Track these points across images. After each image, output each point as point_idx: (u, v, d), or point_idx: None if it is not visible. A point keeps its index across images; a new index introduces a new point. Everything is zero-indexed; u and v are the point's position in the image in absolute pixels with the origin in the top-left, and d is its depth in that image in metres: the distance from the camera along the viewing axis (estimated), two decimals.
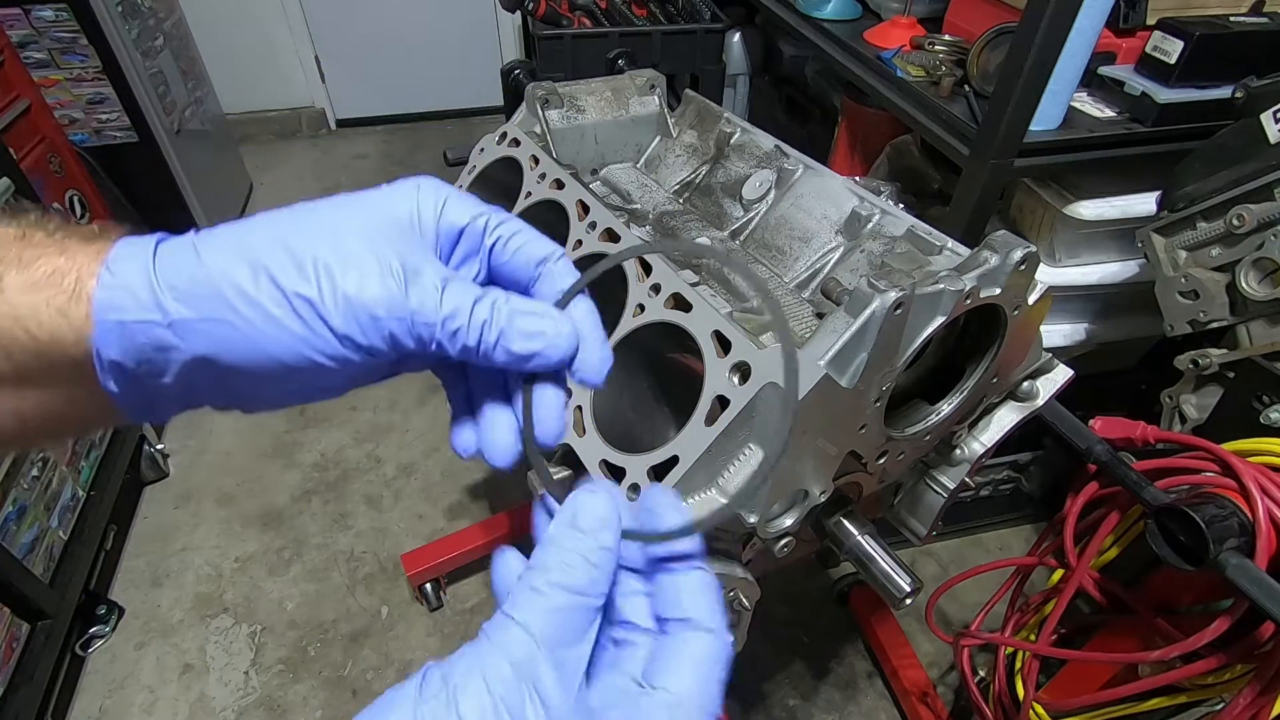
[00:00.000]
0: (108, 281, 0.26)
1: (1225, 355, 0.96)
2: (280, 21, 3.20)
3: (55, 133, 2.02)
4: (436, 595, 1.55)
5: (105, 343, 0.26)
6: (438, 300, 0.28)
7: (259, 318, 0.27)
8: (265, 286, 0.27)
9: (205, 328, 0.27)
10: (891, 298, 0.50)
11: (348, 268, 0.27)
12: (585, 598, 0.26)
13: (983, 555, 1.69)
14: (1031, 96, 0.97)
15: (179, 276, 0.27)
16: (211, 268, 0.27)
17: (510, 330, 0.29)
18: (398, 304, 0.27)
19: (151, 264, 0.27)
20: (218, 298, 0.26)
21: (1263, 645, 0.73)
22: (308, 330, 0.27)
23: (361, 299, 0.27)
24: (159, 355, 0.27)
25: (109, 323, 0.26)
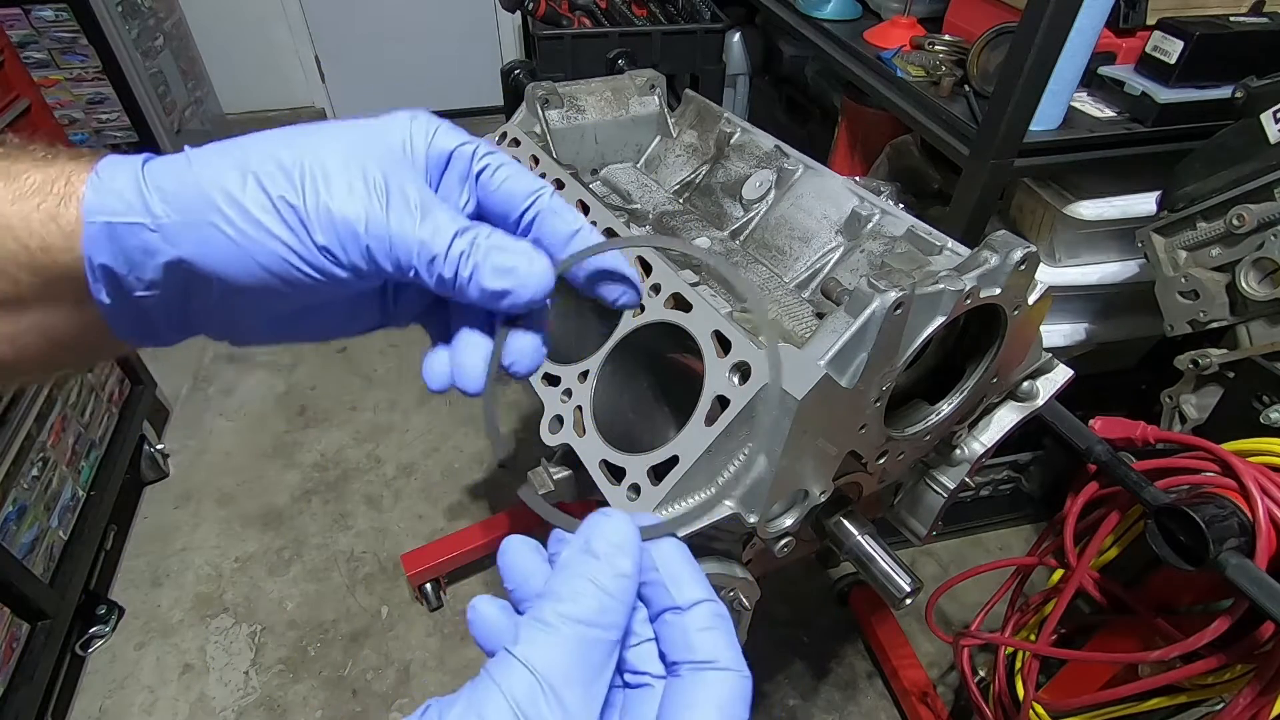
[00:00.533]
0: (96, 185, 0.26)
1: (1225, 355, 0.96)
2: (280, 21, 3.20)
3: (55, 133, 2.02)
4: (436, 595, 1.55)
5: (95, 246, 0.26)
6: (416, 223, 0.28)
7: (243, 220, 0.26)
8: (252, 190, 0.26)
9: (191, 231, 0.26)
10: (891, 298, 0.50)
11: (333, 181, 0.27)
12: (598, 630, 0.23)
13: (983, 555, 1.69)
14: (1031, 96, 0.97)
15: (168, 180, 0.27)
16: (200, 173, 0.27)
17: (485, 265, 0.28)
18: (377, 221, 0.27)
19: (140, 170, 0.27)
20: (204, 200, 0.26)
21: (1263, 645, 0.73)
22: (291, 236, 0.26)
23: (343, 212, 0.27)
24: (147, 260, 0.27)
25: (97, 224, 0.26)
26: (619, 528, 0.26)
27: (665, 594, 0.26)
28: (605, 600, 0.24)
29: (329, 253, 0.27)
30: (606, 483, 0.57)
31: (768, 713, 1.41)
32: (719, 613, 0.26)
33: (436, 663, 1.48)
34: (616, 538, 0.25)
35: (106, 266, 0.26)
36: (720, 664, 0.24)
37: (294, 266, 0.27)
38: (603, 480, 0.58)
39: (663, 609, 0.25)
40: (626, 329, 0.64)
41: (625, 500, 0.55)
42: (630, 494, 0.55)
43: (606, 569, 0.24)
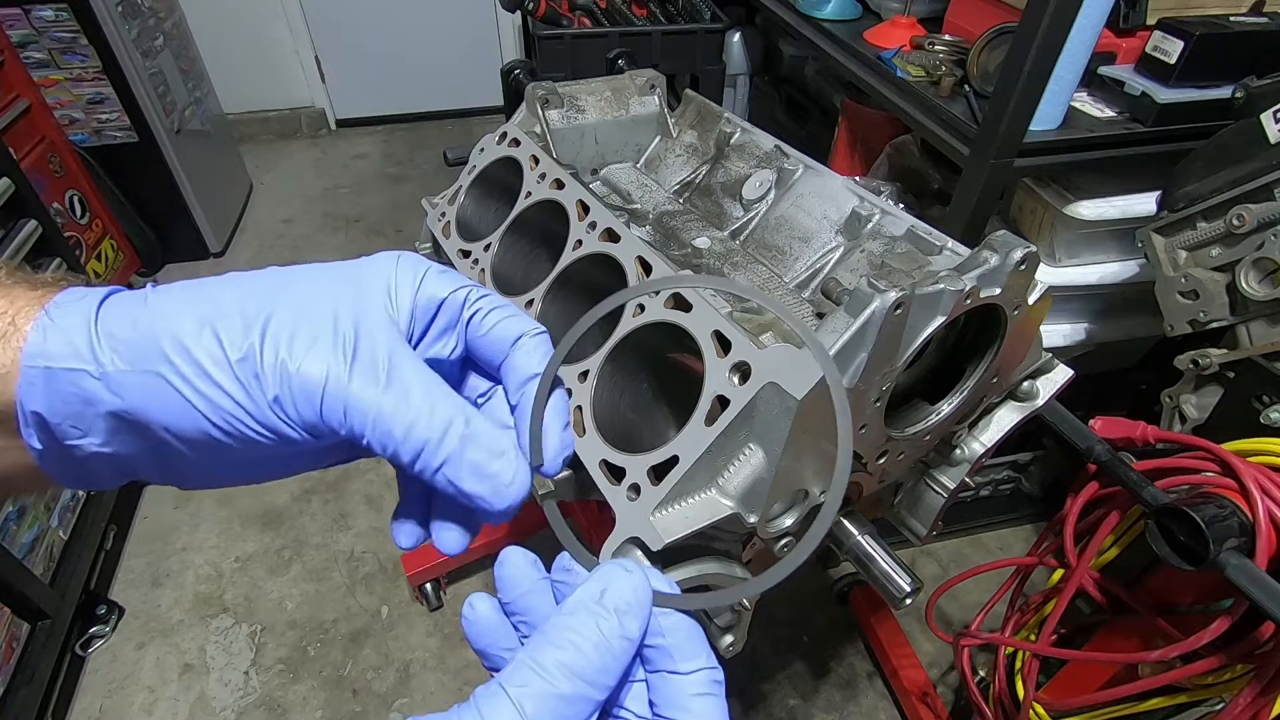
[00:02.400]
0: (43, 325, 0.24)
1: (1225, 355, 0.96)
2: (280, 21, 3.20)
3: (55, 133, 2.02)
4: (436, 595, 1.55)
5: (29, 392, 0.24)
6: (379, 389, 0.25)
7: (193, 372, 0.24)
8: (207, 341, 0.25)
9: (138, 380, 0.24)
10: (891, 298, 0.50)
11: (298, 334, 0.25)
12: (591, 688, 0.23)
13: (983, 555, 1.69)
14: (1031, 96, 0.97)
15: (121, 325, 0.25)
16: (155, 316, 0.25)
17: (460, 461, 0.26)
18: (336, 383, 0.25)
19: (94, 312, 0.25)
20: (154, 349, 0.24)
21: (1263, 645, 0.73)
22: (242, 393, 0.25)
23: (303, 370, 0.25)
24: (86, 410, 0.25)
25: (36, 370, 0.24)
26: (636, 589, 0.25)
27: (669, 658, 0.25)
28: (607, 661, 0.23)
29: (281, 411, 0.25)
30: (606, 483, 0.57)
31: (768, 713, 1.41)
32: (717, 679, 0.25)
33: (436, 663, 1.48)
34: (632, 598, 0.24)
35: (39, 414, 0.25)
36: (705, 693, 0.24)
37: (243, 424, 0.25)
38: (603, 480, 0.58)
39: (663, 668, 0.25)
40: (626, 329, 0.64)
41: (625, 500, 0.55)
42: (630, 494, 0.55)
43: (615, 629, 0.24)
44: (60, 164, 2.02)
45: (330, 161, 3.33)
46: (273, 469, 0.30)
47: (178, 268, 2.56)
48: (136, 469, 0.28)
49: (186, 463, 0.27)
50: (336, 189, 3.10)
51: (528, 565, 0.27)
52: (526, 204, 0.82)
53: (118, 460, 0.27)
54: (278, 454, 0.28)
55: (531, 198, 0.82)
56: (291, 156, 3.35)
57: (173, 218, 2.44)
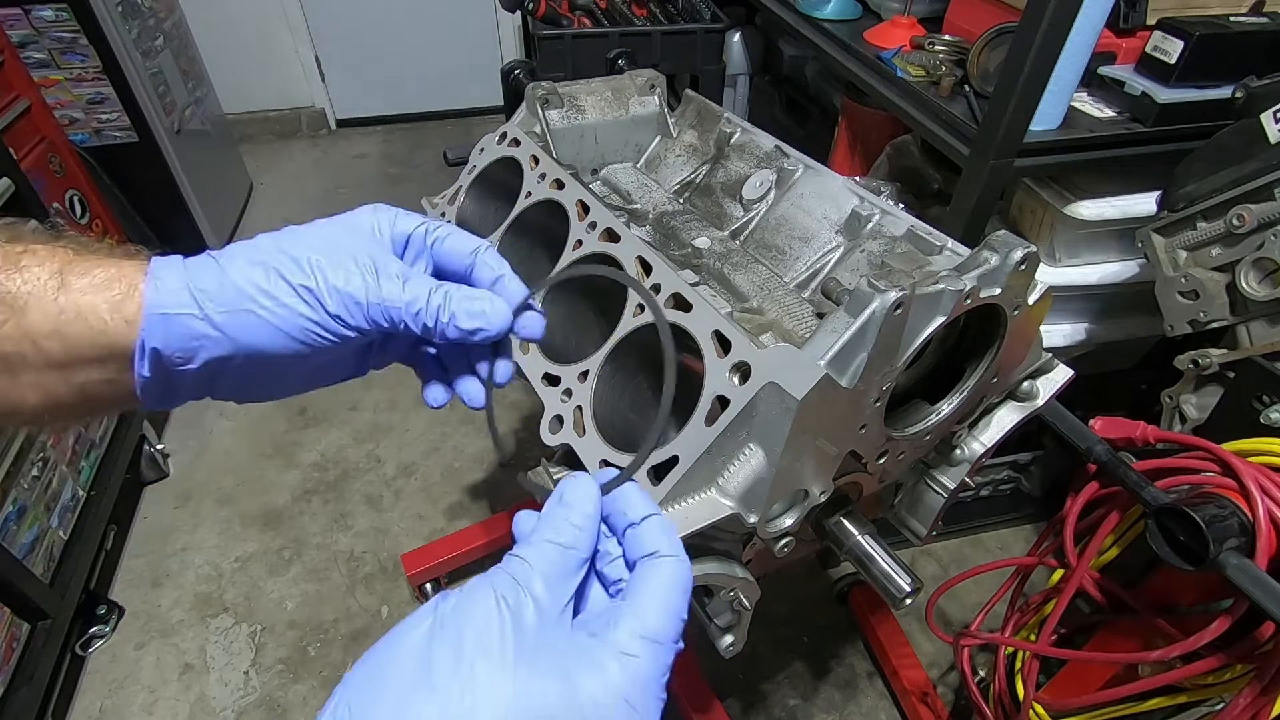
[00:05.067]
0: (154, 284, 0.34)
1: (1225, 355, 0.96)
2: (280, 21, 3.20)
3: (55, 133, 2.02)
4: None
5: (151, 333, 0.34)
6: (400, 289, 0.37)
7: (274, 305, 0.35)
8: (277, 281, 0.35)
9: (232, 317, 0.34)
10: (891, 298, 0.50)
11: (335, 266, 0.36)
12: (573, 550, 0.33)
13: (983, 555, 1.69)
14: (1031, 96, 0.97)
15: (207, 281, 0.35)
16: (232, 273, 0.35)
17: (459, 311, 0.38)
18: (373, 292, 0.36)
19: (185, 273, 0.35)
20: (240, 293, 0.35)
21: (1263, 645, 0.73)
22: (311, 311, 0.35)
23: (347, 289, 0.36)
24: (193, 343, 0.35)
25: (155, 316, 0.34)
26: (582, 484, 0.35)
27: (625, 518, 0.35)
28: (575, 532, 0.33)
29: (340, 319, 0.36)
30: None
31: (768, 713, 1.41)
32: (663, 521, 0.35)
33: None
34: (581, 491, 0.35)
35: (155, 349, 0.34)
36: (663, 553, 0.33)
37: (315, 333, 0.36)
38: None
39: (625, 526, 0.35)
40: (626, 329, 0.64)
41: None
42: None
43: (576, 513, 0.34)
44: (60, 164, 2.02)
45: (330, 162, 3.33)
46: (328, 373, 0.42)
47: None
48: (215, 387, 0.38)
49: (261, 377, 0.38)
50: (336, 189, 3.10)
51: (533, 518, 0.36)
52: (526, 204, 0.82)
53: (202, 380, 0.36)
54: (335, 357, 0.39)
55: (531, 198, 0.82)
56: (291, 156, 3.35)
57: (173, 218, 2.43)
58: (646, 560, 0.33)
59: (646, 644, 0.30)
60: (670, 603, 0.32)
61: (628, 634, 0.30)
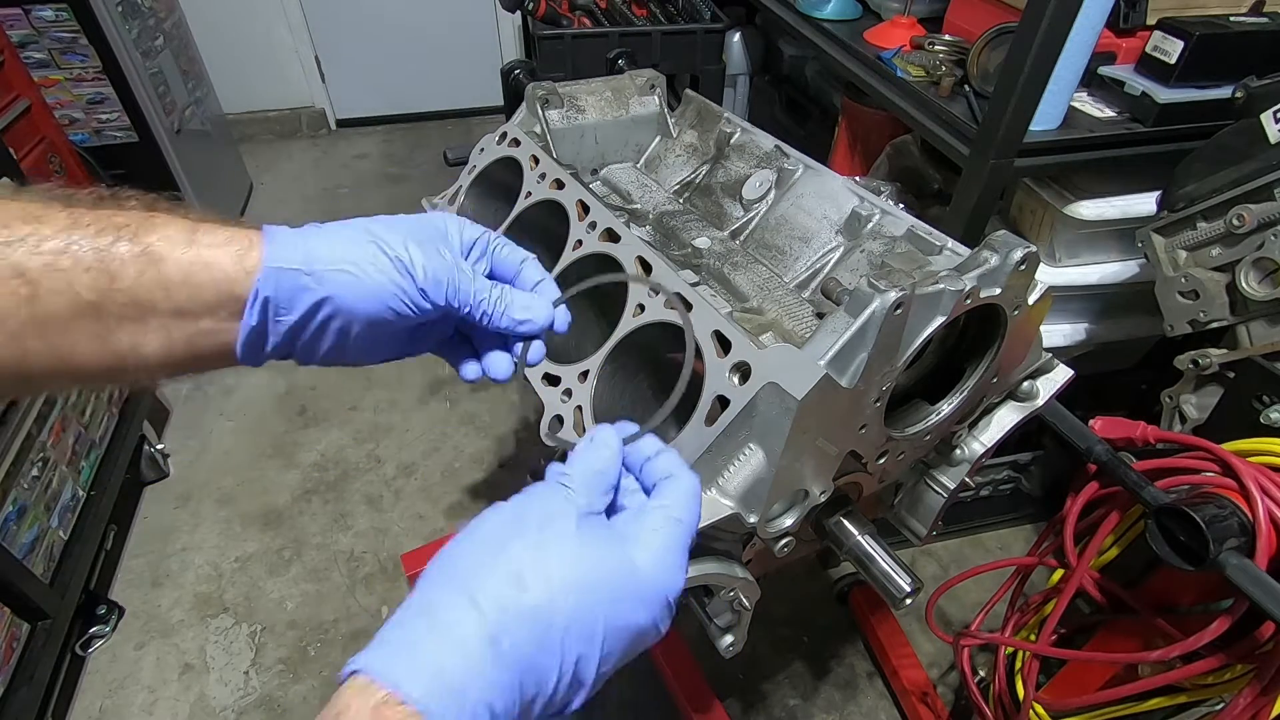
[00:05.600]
0: (270, 242, 0.40)
1: (1225, 355, 0.96)
2: (280, 21, 3.19)
3: (55, 133, 2.02)
4: None
5: (265, 282, 0.39)
6: (471, 279, 0.45)
7: (374, 269, 0.41)
8: (378, 253, 0.42)
9: (334, 276, 0.40)
10: (891, 298, 0.50)
11: (427, 250, 0.43)
12: (605, 473, 0.40)
13: (983, 555, 1.69)
14: (1031, 96, 0.97)
15: (317, 245, 0.41)
16: (338, 241, 0.42)
17: (513, 307, 0.47)
18: (453, 277, 0.44)
19: (298, 236, 0.41)
20: (344, 257, 0.41)
21: (1263, 645, 0.73)
22: (405, 281, 0.42)
23: (434, 268, 0.43)
24: (296, 294, 0.40)
25: (271, 269, 0.39)
26: (607, 430, 0.42)
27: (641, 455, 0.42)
28: (606, 460, 0.41)
29: (425, 294, 0.43)
30: None
31: (768, 713, 1.41)
32: (674, 454, 0.42)
33: None
34: (606, 435, 0.42)
35: (268, 298, 0.39)
36: (679, 475, 0.41)
37: (403, 301, 0.42)
38: None
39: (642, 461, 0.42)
40: (626, 329, 0.64)
41: None
42: None
43: (606, 448, 0.41)
44: (60, 164, 2.02)
45: (330, 161, 3.33)
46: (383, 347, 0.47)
47: None
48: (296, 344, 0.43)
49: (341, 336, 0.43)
50: (336, 189, 3.10)
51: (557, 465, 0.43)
52: (526, 204, 0.82)
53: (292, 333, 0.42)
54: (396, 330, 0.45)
55: (531, 198, 0.82)
56: (291, 156, 3.35)
57: None
58: (664, 481, 0.41)
59: (673, 524, 0.39)
60: (691, 505, 0.40)
61: (660, 517, 0.39)
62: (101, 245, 0.35)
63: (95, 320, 0.36)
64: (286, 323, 0.40)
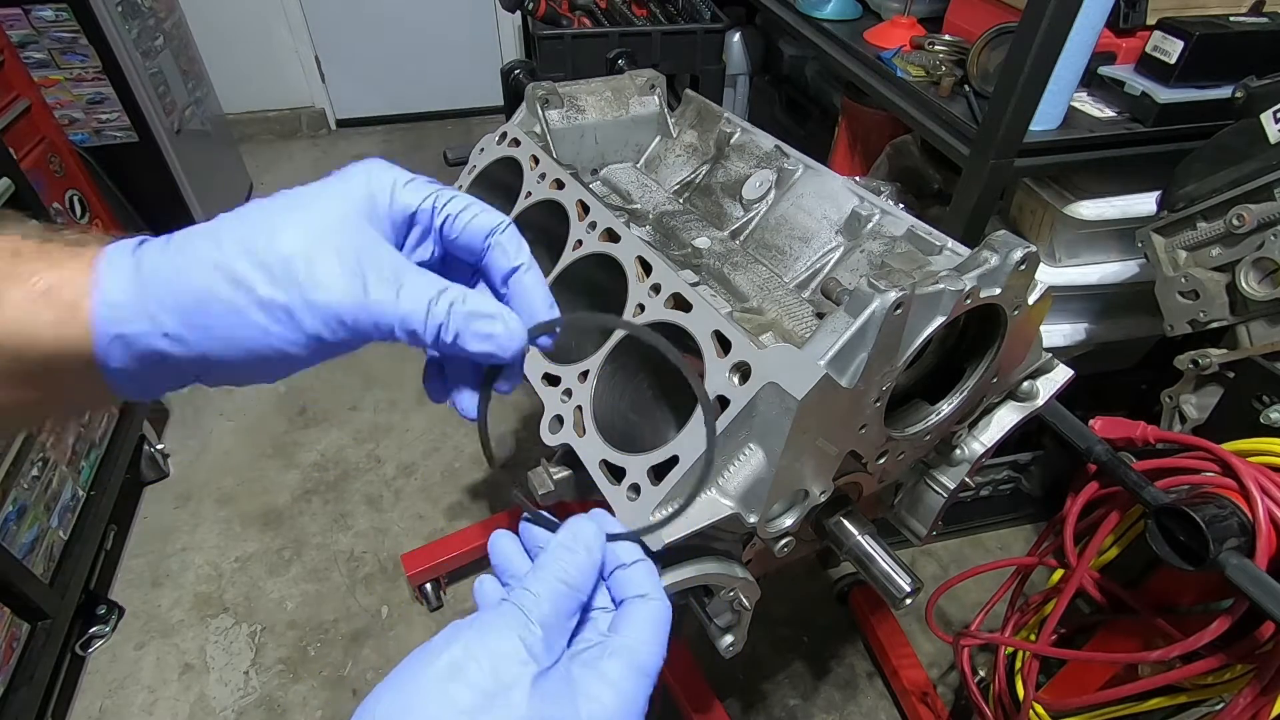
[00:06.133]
0: (100, 299, 0.28)
1: (1225, 355, 0.96)
2: (280, 21, 3.19)
3: (55, 133, 2.02)
4: (436, 595, 1.55)
5: (109, 354, 0.29)
6: (395, 297, 0.31)
7: (239, 322, 0.29)
8: (243, 298, 0.29)
9: (196, 334, 0.29)
10: (891, 298, 0.50)
11: (314, 271, 0.29)
12: (578, 591, 0.34)
13: (983, 555, 1.69)
14: (1031, 96, 0.97)
15: (165, 290, 0.29)
16: (194, 281, 0.29)
17: (466, 332, 0.33)
18: (358, 302, 0.30)
19: (137, 280, 0.29)
20: (203, 310, 0.29)
21: (1263, 645, 0.73)
22: (284, 329, 0.30)
23: (329, 304, 0.30)
24: (160, 357, 0.30)
25: (109, 335, 0.29)
26: (592, 529, 0.37)
27: (616, 559, 0.37)
28: (583, 576, 0.35)
29: (318, 337, 0.30)
30: (606, 483, 0.57)
31: (768, 713, 1.41)
32: (650, 567, 0.38)
33: None
34: (590, 537, 0.36)
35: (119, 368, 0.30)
36: (652, 596, 0.36)
37: (288, 352, 0.30)
38: (603, 480, 0.58)
39: (615, 566, 0.37)
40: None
41: (625, 500, 0.55)
42: (630, 494, 0.55)
43: (585, 554, 0.36)
44: (60, 164, 2.02)
45: (330, 161, 3.33)
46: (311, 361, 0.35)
47: None
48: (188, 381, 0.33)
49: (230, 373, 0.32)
50: None
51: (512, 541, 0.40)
52: (526, 204, 0.82)
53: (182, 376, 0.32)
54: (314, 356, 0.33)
55: (531, 198, 0.82)
56: (291, 156, 3.35)
57: (173, 217, 2.43)
58: (636, 601, 0.36)
59: (636, 675, 0.33)
60: (657, 640, 0.35)
61: (621, 666, 0.33)
62: None
63: None
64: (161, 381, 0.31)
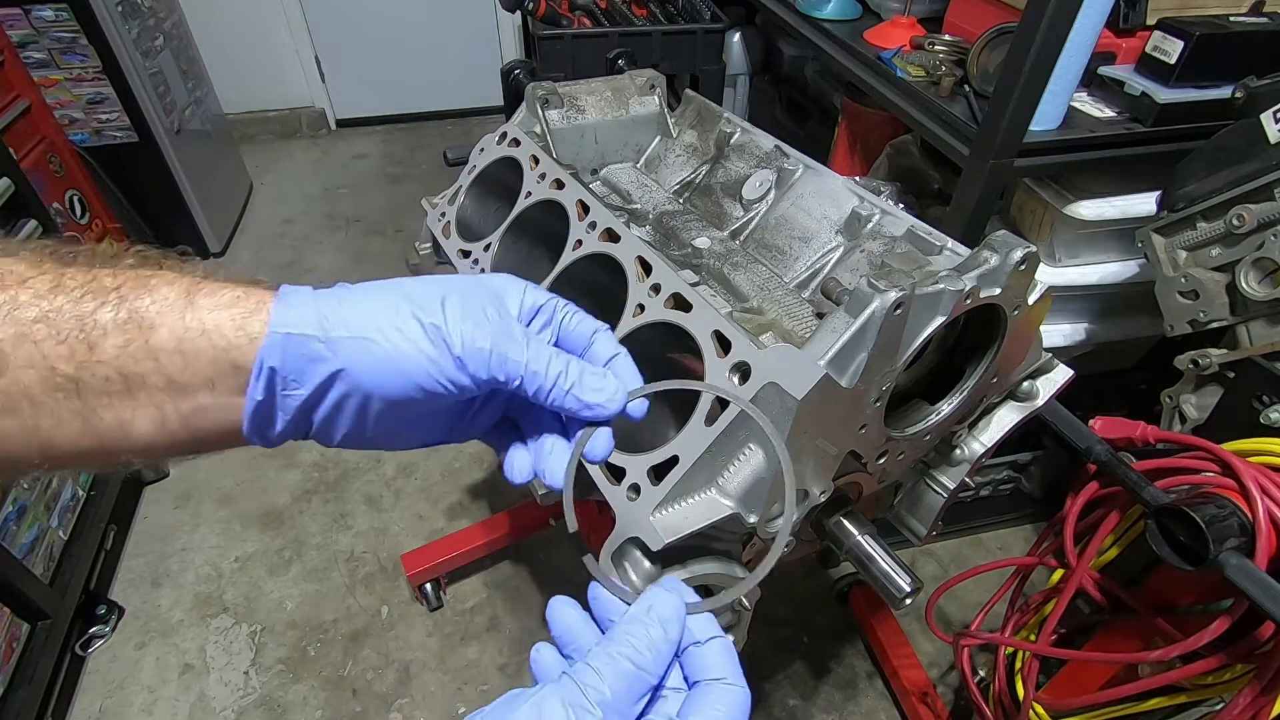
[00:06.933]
0: (282, 304, 0.34)
1: (1225, 355, 0.96)
2: (280, 21, 3.20)
3: (55, 133, 2.02)
4: (436, 595, 1.55)
5: (270, 350, 0.33)
6: (522, 349, 0.37)
7: (400, 338, 0.34)
8: (407, 317, 0.35)
9: (353, 344, 0.34)
10: (891, 298, 0.50)
11: (466, 314, 0.36)
12: (647, 674, 0.32)
13: (983, 555, 1.69)
14: (1031, 96, 0.97)
15: (336, 307, 0.35)
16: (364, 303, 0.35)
17: (581, 385, 0.39)
18: (499, 344, 0.36)
19: (314, 297, 0.35)
20: (367, 321, 0.34)
21: (1263, 645, 0.73)
22: (435, 351, 0.35)
23: (474, 337, 0.36)
24: (309, 366, 0.34)
25: (278, 334, 0.33)
26: (675, 604, 0.35)
27: (691, 636, 0.35)
28: (657, 658, 0.33)
29: (462, 364, 0.35)
30: (606, 483, 0.57)
31: (768, 713, 1.41)
32: (729, 646, 0.35)
33: (437, 663, 1.48)
34: (668, 612, 0.34)
35: (273, 368, 0.34)
36: (729, 680, 0.33)
37: (434, 376, 0.35)
38: (603, 480, 0.58)
39: (689, 644, 0.35)
40: (626, 329, 0.64)
41: (625, 500, 0.55)
42: (630, 494, 0.55)
43: (661, 634, 0.33)
44: (60, 164, 2.02)
45: (330, 161, 3.33)
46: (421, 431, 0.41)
47: None
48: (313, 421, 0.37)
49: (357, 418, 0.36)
50: (336, 189, 3.10)
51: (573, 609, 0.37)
52: (526, 204, 0.82)
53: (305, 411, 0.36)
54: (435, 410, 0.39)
55: (531, 198, 0.82)
56: (291, 156, 3.35)
57: (173, 218, 2.43)
58: (711, 684, 0.33)
59: None
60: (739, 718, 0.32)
61: None
62: (84, 312, 0.31)
63: (74, 396, 0.31)
64: (298, 398, 0.34)
